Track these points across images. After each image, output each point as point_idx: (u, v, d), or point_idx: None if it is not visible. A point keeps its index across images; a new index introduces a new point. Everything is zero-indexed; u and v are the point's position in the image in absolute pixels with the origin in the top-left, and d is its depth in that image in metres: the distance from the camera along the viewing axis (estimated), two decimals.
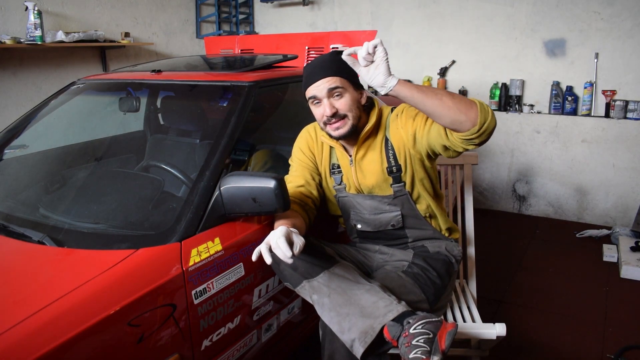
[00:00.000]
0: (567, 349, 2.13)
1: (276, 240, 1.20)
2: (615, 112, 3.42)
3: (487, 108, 1.27)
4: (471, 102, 1.27)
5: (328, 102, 1.43)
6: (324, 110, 1.43)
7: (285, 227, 1.25)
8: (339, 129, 1.45)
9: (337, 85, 1.42)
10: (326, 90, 1.42)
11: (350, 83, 1.45)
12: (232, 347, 1.47)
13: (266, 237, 1.25)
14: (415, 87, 1.29)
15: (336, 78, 1.42)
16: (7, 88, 3.21)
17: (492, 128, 1.28)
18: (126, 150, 2.27)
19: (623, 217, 3.53)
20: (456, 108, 1.25)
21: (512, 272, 2.86)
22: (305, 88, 1.47)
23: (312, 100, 1.47)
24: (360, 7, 4.35)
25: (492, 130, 1.28)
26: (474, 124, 1.25)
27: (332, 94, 1.43)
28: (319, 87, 1.42)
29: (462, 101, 1.26)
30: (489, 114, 1.27)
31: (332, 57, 1.46)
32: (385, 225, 1.57)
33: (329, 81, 1.42)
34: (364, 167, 1.53)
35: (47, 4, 3.35)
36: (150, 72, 2.05)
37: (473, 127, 1.25)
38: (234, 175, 1.36)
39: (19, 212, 1.60)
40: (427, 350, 1.16)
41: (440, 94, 1.27)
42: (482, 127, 1.25)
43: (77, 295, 1.10)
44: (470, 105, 1.26)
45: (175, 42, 4.38)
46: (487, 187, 4.03)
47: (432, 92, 1.28)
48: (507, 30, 3.77)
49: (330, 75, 1.42)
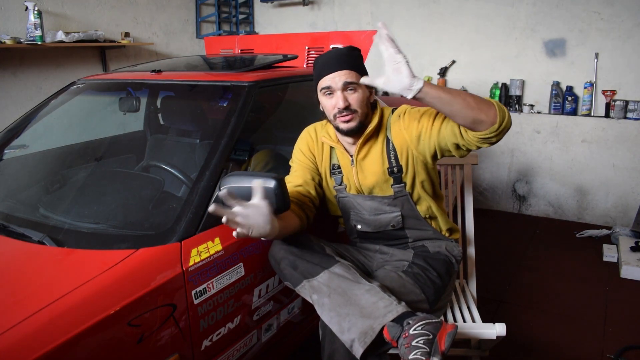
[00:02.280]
0: (567, 349, 2.13)
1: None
2: (615, 112, 3.42)
3: (504, 107, 1.30)
4: (490, 102, 1.28)
5: (342, 95, 1.43)
6: (336, 102, 1.43)
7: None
8: (349, 122, 1.45)
9: (353, 81, 1.42)
10: (342, 83, 1.42)
11: None
12: (232, 347, 1.47)
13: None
14: (440, 87, 1.29)
15: (353, 73, 1.43)
16: (7, 88, 3.21)
17: (509, 126, 1.30)
18: (126, 150, 2.27)
19: (623, 217, 3.53)
20: (478, 108, 1.26)
21: (512, 272, 2.86)
22: (320, 78, 1.46)
23: (324, 91, 1.46)
24: (360, 7, 4.35)
25: (509, 128, 1.31)
26: (493, 122, 1.27)
27: (346, 88, 1.43)
28: (335, 78, 1.42)
29: (482, 101, 1.27)
30: (505, 113, 1.29)
31: (350, 51, 1.46)
32: (385, 225, 1.57)
33: (346, 75, 1.42)
34: (365, 167, 1.53)
35: (47, 4, 3.35)
36: (150, 72, 2.05)
37: (492, 126, 1.27)
38: (234, 175, 1.36)
39: (19, 212, 1.60)
40: (427, 351, 1.16)
41: (462, 94, 1.28)
42: (501, 125, 1.28)
43: (77, 295, 1.10)
44: (489, 105, 1.27)
45: (175, 42, 4.38)
46: (487, 187, 4.03)
47: (456, 92, 1.28)
48: (507, 30, 3.77)
49: (347, 68, 1.42)
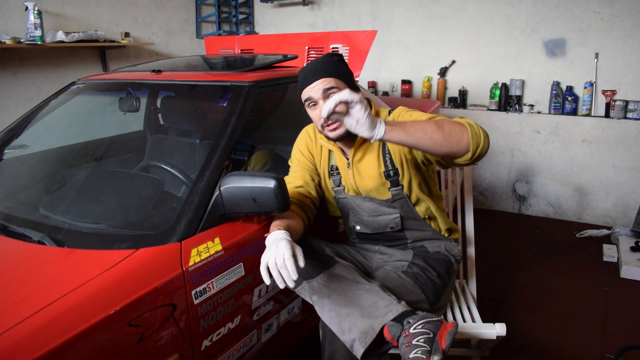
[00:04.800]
0: (567, 349, 2.13)
1: (284, 260, 1.15)
2: (615, 112, 3.42)
3: (479, 131, 1.24)
4: (462, 131, 1.23)
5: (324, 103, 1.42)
6: (320, 112, 1.42)
7: (286, 240, 1.21)
8: (336, 130, 1.44)
9: (332, 86, 1.40)
10: (321, 91, 1.40)
11: (346, 84, 1.43)
12: (232, 347, 1.47)
13: (268, 251, 1.20)
14: (402, 130, 1.21)
15: (331, 79, 1.41)
16: (7, 88, 3.21)
17: (485, 151, 1.26)
18: (126, 150, 2.27)
19: (623, 217, 3.53)
20: (447, 144, 1.22)
21: (512, 272, 2.86)
22: (301, 91, 1.46)
23: (308, 103, 1.45)
24: (360, 7, 4.35)
25: (486, 152, 1.27)
26: (466, 152, 1.24)
27: (328, 95, 1.41)
28: (314, 88, 1.41)
29: (452, 133, 1.22)
30: (481, 138, 1.24)
31: (326, 59, 1.44)
32: (384, 227, 1.57)
33: (324, 82, 1.40)
34: (362, 170, 1.53)
35: (47, 4, 3.35)
36: (150, 72, 2.05)
37: (465, 155, 1.24)
38: (234, 175, 1.36)
39: (19, 212, 1.60)
40: (428, 350, 1.15)
41: (430, 130, 1.21)
42: (475, 153, 1.24)
43: (77, 295, 1.10)
44: (461, 136, 1.22)
45: (175, 42, 4.38)
46: (487, 187, 4.03)
47: (421, 131, 1.21)
48: (507, 30, 3.77)
49: (325, 76, 1.40)
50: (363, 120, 1.16)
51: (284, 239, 1.22)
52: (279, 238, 1.22)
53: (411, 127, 1.21)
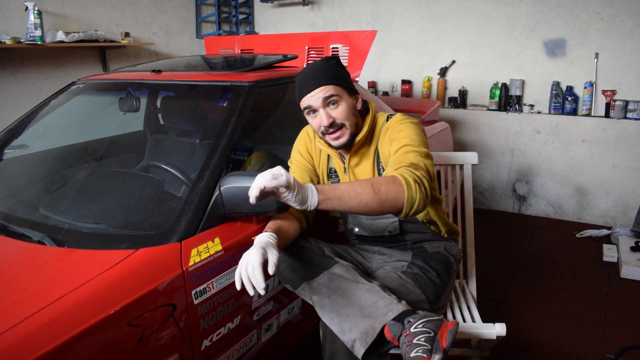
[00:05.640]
0: (567, 349, 2.13)
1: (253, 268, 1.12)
2: (615, 112, 3.42)
3: (416, 192, 1.20)
4: (398, 194, 1.19)
5: (324, 112, 1.40)
6: (320, 120, 1.41)
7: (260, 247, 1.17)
8: (339, 139, 1.43)
9: (332, 94, 1.39)
10: (321, 100, 1.39)
11: (344, 89, 1.43)
12: (232, 347, 1.47)
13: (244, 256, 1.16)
14: (337, 199, 1.16)
15: (330, 86, 1.39)
16: (7, 88, 3.21)
17: (421, 210, 1.23)
18: (126, 150, 2.27)
19: (623, 217, 3.53)
20: (381, 209, 1.19)
21: (512, 272, 2.86)
22: (300, 98, 1.44)
23: (307, 111, 1.44)
24: (360, 7, 4.35)
25: (422, 210, 1.24)
26: (399, 213, 1.22)
27: (328, 103, 1.40)
28: (314, 97, 1.40)
29: (388, 198, 1.18)
30: (416, 201, 1.20)
31: (324, 64, 1.43)
32: (382, 231, 1.57)
33: (324, 90, 1.39)
34: (358, 175, 1.53)
35: (47, 4, 3.35)
36: (150, 72, 2.05)
37: (399, 214, 1.23)
38: (234, 175, 1.36)
39: (19, 212, 1.60)
40: (428, 348, 1.15)
41: (365, 198, 1.16)
42: (408, 215, 1.23)
43: (77, 295, 1.10)
44: (396, 200, 1.19)
45: (175, 42, 4.38)
46: (487, 187, 4.03)
47: (356, 198, 1.16)
48: (507, 30, 3.77)
49: (324, 83, 1.39)
50: (292, 200, 1.11)
51: (262, 243, 1.18)
52: (259, 242, 1.19)
53: (347, 196, 1.16)
